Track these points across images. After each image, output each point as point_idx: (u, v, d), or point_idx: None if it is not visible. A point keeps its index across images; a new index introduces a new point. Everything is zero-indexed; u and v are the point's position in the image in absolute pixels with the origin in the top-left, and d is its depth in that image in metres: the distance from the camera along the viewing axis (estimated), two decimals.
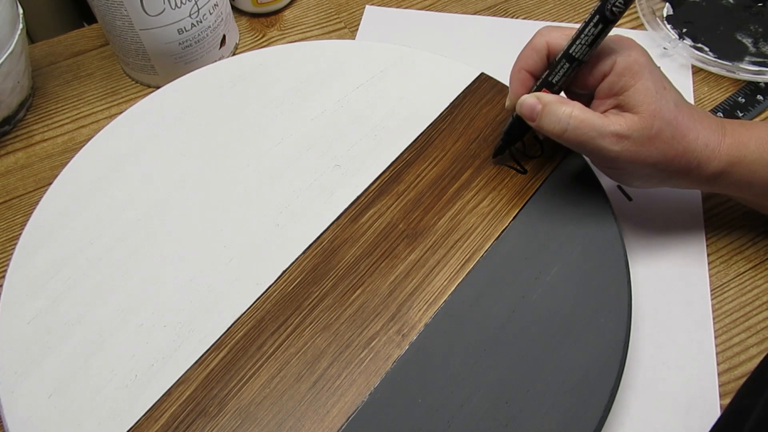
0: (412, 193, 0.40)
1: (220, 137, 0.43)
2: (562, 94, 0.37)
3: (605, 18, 0.33)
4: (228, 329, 0.35)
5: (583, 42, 0.34)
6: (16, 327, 0.36)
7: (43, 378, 0.34)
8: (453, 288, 0.36)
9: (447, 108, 0.44)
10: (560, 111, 0.34)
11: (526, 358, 0.34)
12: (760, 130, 0.36)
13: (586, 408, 0.32)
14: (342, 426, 0.32)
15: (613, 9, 0.33)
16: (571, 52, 0.35)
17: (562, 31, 0.36)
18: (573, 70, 0.35)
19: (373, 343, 0.35)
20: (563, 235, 0.38)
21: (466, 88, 0.45)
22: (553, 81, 0.36)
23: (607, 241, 0.38)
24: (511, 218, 0.39)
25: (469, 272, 0.37)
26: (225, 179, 0.41)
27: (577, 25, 0.35)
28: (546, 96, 0.36)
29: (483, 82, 0.45)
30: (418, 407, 0.33)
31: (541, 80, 0.37)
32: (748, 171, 0.35)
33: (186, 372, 0.34)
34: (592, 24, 0.34)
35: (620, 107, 0.34)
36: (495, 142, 0.41)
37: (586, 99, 0.37)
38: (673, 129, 0.34)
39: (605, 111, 0.35)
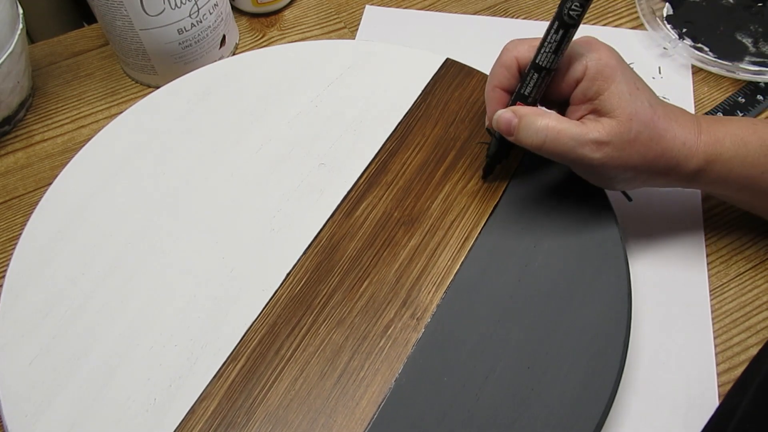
0: (401, 182, 0.41)
1: (200, 149, 0.43)
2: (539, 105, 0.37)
3: (564, 23, 0.32)
4: (242, 339, 0.35)
5: (547, 50, 0.33)
6: (17, 370, 0.34)
7: (58, 417, 0.33)
8: (458, 266, 0.37)
9: (420, 96, 0.45)
10: (537, 123, 0.34)
11: (540, 323, 0.35)
12: (734, 126, 0.36)
13: (603, 362, 0.34)
14: (374, 415, 0.32)
15: (570, 13, 0.32)
16: (537, 61, 0.34)
17: (529, 42, 0.35)
18: (543, 79, 0.35)
19: (389, 331, 0.35)
20: (552, 202, 0.39)
21: (435, 74, 0.46)
22: (526, 93, 0.35)
23: (595, 200, 0.39)
24: (501, 193, 0.40)
25: (470, 249, 0.38)
26: (211, 191, 0.41)
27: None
28: (521, 109, 0.35)
29: (450, 67, 0.46)
30: (445, 386, 0.33)
31: (514, 95, 0.36)
32: (725, 168, 0.35)
33: (206, 387, 0.33)
34: (553, 30, 0.33)
35: (596, 112, 0.34)
36: (481, 164, 0.41)
37: (564, 106, 0.37)
38: (650, 131, 0.33)
39: (582, 117, 0.35)
